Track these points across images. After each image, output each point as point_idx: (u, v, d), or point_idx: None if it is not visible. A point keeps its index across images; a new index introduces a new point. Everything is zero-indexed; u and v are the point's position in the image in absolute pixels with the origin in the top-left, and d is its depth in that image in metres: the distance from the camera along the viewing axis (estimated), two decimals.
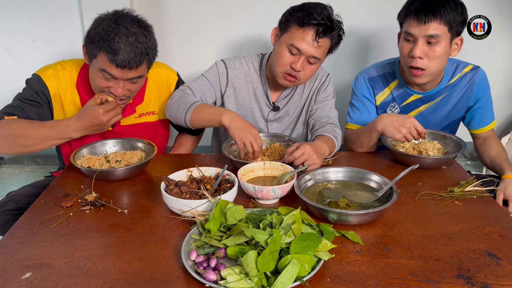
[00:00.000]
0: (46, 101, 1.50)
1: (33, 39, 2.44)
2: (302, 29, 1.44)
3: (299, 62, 1.48)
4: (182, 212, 1.10)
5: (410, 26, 1.47)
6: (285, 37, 1.49)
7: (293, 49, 1.46)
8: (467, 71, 1.66)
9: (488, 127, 1.71)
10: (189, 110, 1.47)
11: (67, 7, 2.35)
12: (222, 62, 1.66)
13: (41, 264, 0.96)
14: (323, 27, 1.42)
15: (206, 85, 1.62)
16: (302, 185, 1.22)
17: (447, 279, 0.89)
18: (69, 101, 1.53)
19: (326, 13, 1.43)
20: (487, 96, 1.68)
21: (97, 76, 1.40)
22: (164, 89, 1.67)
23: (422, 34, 1.44)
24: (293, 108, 1.72)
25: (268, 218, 1.01)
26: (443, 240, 1.03)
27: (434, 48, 1.46)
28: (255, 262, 0.86)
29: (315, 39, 1.43)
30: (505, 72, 2.52)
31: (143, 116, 1.65)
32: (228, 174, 1.24)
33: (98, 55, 1.35)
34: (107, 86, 1.41)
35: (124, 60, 1.32)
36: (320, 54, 1.48)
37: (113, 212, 1.18)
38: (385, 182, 1.21)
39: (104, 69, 1.36)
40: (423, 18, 1.42)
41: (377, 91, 1.71)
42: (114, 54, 1.31)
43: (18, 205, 1.43)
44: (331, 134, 1.50)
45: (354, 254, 0.98)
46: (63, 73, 1.51)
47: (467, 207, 1.19)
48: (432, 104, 1.68)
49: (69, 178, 1.40)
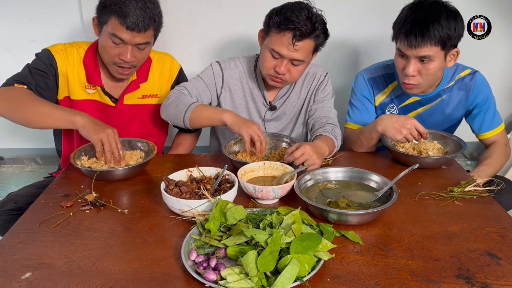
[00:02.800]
0: (53, 74, 1.54)
1: (33, 39, 2.43)
2: (280, 34, 1.43)
3: (283, 66, 1.47)
4: (182, 212, 1.10)
5: (401, 46, 1.46)
6: (267, 41, 1.49)
7: (275, 53, 1.47)
8: (464, 75, 1.64)
9: (491, 132, 1.67)
10: (188, 110, 1.47)
11: (67, 7, 2.35)
12: (217, 63, 1.66)
13: (41, 264, 0.96)
14: (300, 30, 1.40)
15: (202, 86, 1.62)
16: (302, 185, 1.22)
17: (447, 279, 0.89)
18: (76, 78, 1.58)
19: (304, 15, 1.40)
20: (488, 101, 1.65)
21: (107, 43, 1.46)
22: (167, 75, 1.72)
23: (413, 55, 1.43)
24: (290, 108, 1.72)
25: (268, 218, 1.01)
26: (443, 240, 1.03)
27: (427, 66, 1.45)
28: (255, 262, 0.86)
29: (292, 43, 1.41)
30: (505, 72, 2.52)
31: (146, 98, 1.69)
32: (228, 174, 1.24)
33: (109, 20, 1.42)
34: (117, 53, 1.47)
35: (134, 22, 1.40)
36: (303, 56, 1.47)
37: (113, 212, 1.18)
38: (385, 182, 1.21)
39: (114, 34, 1.43)
40: (413, 42, 1.40)
41: (376, 92, 1.71)
42: (125, 16, 1.39)
43: (18, 205, 1.43)
44: (331, 134, 1.50)
45: (354, 254, 0.98)
46: (71, 50, 1.57)
47: (467, 207, 1.19)
48: (430, 106, 1.68)
49: (69, 178, 1.40)
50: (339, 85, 2.42)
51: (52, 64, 1.54)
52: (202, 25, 2.37)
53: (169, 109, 1.53)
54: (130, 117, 1.69)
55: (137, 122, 1.71)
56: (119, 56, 1.48)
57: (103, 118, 1.59)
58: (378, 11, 2.36)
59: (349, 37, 2.39)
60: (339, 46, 2.40)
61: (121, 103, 1.65)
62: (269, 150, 1.57)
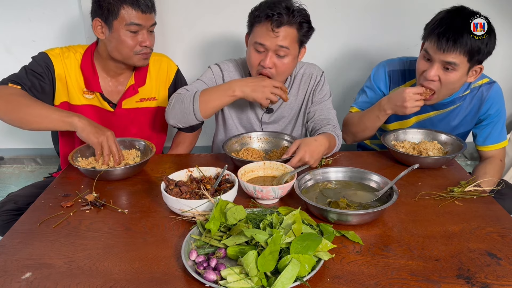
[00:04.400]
0: (50, 78, 1.54)
1: (33, 39, 2.44)
2: (260, 25, 1.44)
3: (267, 59, 1.46)
4: (182, 212, 1.10)
5: (429, 48, 1.43)
6: (250, 38, 1.50)
7: (258, 46, 1.46)
8: (482, 84, 1.61)
9: (494, 146, 1.64)
10: (196, 100, 1.44)
11: (67, 7, 2.35)
12: (216, 65, 1.65)
13: (41, 264, 0.96)
14: (278, 16, 1.40)
15: (204, 87, 1.60)
16: (302, 185, 1.22)
17: (447, 279, 0.89)
18: (74, 83, 1.58)
19: (283, 5, 1.41)
20: (500, 114, 1.62)
21: (125, 36, 1.48)
22: (163, 77, 1.71)
23: (439, 59, 1.40)
24: (288, 110, 1.70)
25: (268, 218, 1.01)
26: (443, 240, 1.03)
27: (449, 74, 1.42)
28: (255, 262, 0.86)
29: (272, 30, 1.41)
30: (505, 72, 2.52)
31: (144, 101, 1.68)
32: (228, 174, 1.24)
33: (122, 10, 1.45)
34: (137, 42, 1.50)
35: (145, 4, 1.47)
36: (286, 43, 1.44)
37: (113, 212, 1.18)
38: (385, 182, 1.21)
39: (132, 22, 1.46)
40: (443, 46, 1.37)
41: (393, 85, 1.69)
42: (137, 1, 1.46)
43: (18, 206, 1.43)
44: (333, 132, 1.50)
45: (354, 254, 0.98)
46: (68, 55, 1.57)
47: (467, 207, 1.19)
48: (442, 112, 1.64)
49: (69, 178, 1.40)
50: (346, 88, 2.40)
51: (49, 68, 1.53)
52: (203, 25, 2.37)
53: (174, 109, 1.49)
54: (129, 121, 1.69)
55: (136, 125, 1.71)
56: (140, 44, 1.51)
57: (102, 122, 1.57)
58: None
59: (356, 38, 2.39)
60: (339, 45, 2.40)
61: (120, 107, 1.64)
62: (270, 149, 1.57)
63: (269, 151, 1.56)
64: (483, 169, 1.58)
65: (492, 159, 1.63)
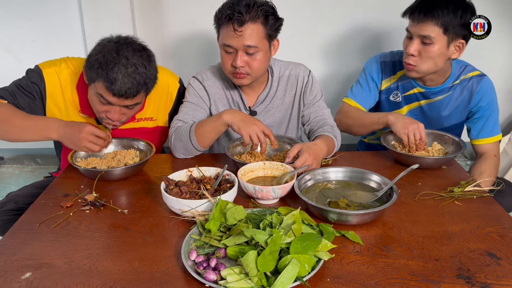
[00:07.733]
0: (39, 96, 1.49)
1: (33, 39, 2.43)
2: (224, 27, 1.43)
3: (238, 59, 1.44)
4: (182, 212, 1.10)
5: (409, 24, 1.54)
6: (219, 41, 1.49)
7: (227, 48, 1.45)
8: (471, 76, 1.64)
9: (488, 139, 1.65)
10: (191, 135, 1.44)
11: (67, 7, 2.35)
12: (194, 79, 1.62)
13: (41, 264, 0.96)
14: (239, 15, 1.37)
15: (192, 108, 1.57)
16: (302, 185, 1.22)
17: (447, 279, 0.89)
18: (69, 98, 1.52)
19: (244, 3, 1.38)
20: (491, 107, 1.64)
21: (95, 100, 1.41)
22: (164, 96, 1.64)
23: (416, 33, 1.51)
24: (276, 113, 1.66)
25: (268, 218, 1.01)
26: (443, 240, 1.03)
27: (428, 48, 1.51)
28: (255, 262, 0.86)
29: (235, 30, 1.39)
30: (505, 72, 2.52)
31: (140, 121, 1.63)
32: (228, 174, 1.24)
33: (97, 81, 1.36)
34: (104, 110, 1.42)
35: (121, 90, 1.33)
36: (253, 41, 1.41)
37: (113, 212, 1.18)
38: (385, 182, 1.21)
39: (101, 95, 1.37)
40: (417, 18, 1.49)
41: (385, 76, 1.75)
42: (111, 83, 1.32)
43: (18, 205, 1.43)
44: (331, 134, 1.50)
45: (354, 254, 0.98)
46: (66, 72, 1.51)
47: (467, 207, 1.19)
48: (432, 101, 1.69)
49: (69, 178, 1.40)
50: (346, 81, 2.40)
51: (40, 86, 1.47)
52: (203, 25, 2.37)
53: (176, 147, 1.50)
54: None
55: None
56: (106, 113, 1.42)
57: None
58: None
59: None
60: (339, 42, 2.40)
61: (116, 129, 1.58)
62: (274, 152, 1.54)
63: (273, 154, 1.54)
64: (478, 168, 1.60)
65: (486, 155, 1.65)
